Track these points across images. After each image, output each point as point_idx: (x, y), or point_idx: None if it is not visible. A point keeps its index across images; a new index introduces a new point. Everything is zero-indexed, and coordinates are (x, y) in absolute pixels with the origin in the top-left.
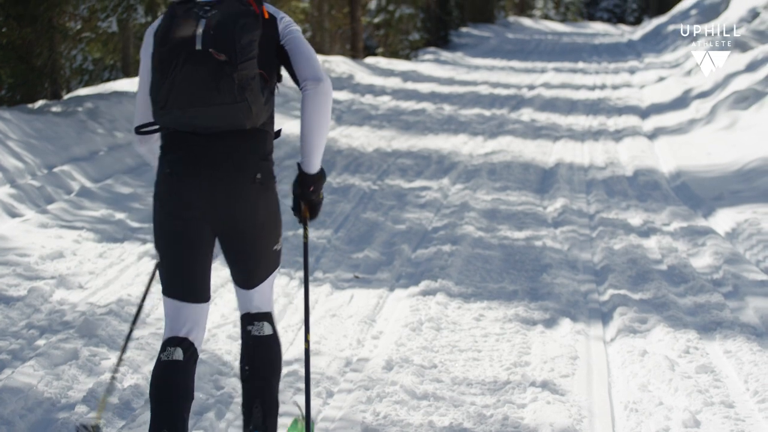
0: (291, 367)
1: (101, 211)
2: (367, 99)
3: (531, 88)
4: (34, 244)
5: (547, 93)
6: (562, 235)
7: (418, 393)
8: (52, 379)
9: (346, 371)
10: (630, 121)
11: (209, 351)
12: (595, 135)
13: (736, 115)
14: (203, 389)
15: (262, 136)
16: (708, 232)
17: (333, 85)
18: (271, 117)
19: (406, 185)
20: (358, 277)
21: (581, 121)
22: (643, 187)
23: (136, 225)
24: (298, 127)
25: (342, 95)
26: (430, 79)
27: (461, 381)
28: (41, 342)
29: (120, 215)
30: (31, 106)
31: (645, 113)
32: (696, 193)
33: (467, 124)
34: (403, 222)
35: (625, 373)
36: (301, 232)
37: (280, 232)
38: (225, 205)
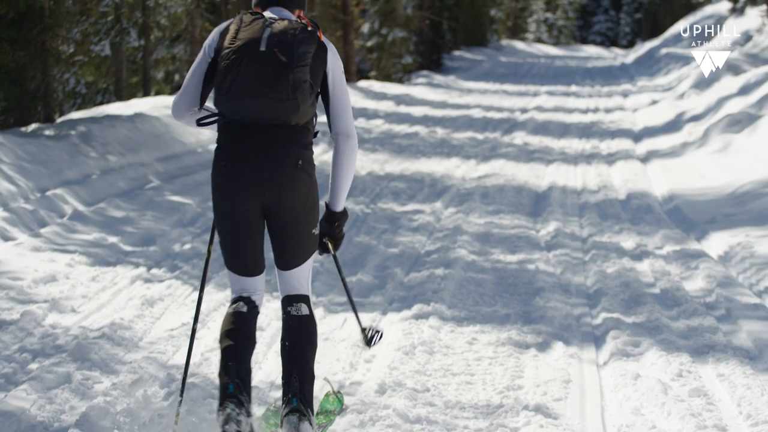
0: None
1: (94, 235)
2: (360, 122)
3: (524, 111)
4: (27, 268)
5: (540, 116)
6: (555, 258)
7: (411, 417)
8: (45, 403)
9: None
10: (623, 144)
11: (202, 375)
12: (588, 158)
13: (729, 139)
14: (196, 413)
15: (303, 130)
16: (701, 255)
17: None
18: (313, 117)
19: (398, 209)
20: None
21: (574, 145)
22: (636, 210)
23: (128, 248)
24: None
25: None
26: (422, 102)
27: (454, 405)
28: (34, 366)
29: (113, 239)
30: (24, 129)
31: (638, 136)
32: (689, 216)
33: (460, 147)
34: (395, 245)
35: (618, 397)
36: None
37: (318, 218)
38: (271, 187)
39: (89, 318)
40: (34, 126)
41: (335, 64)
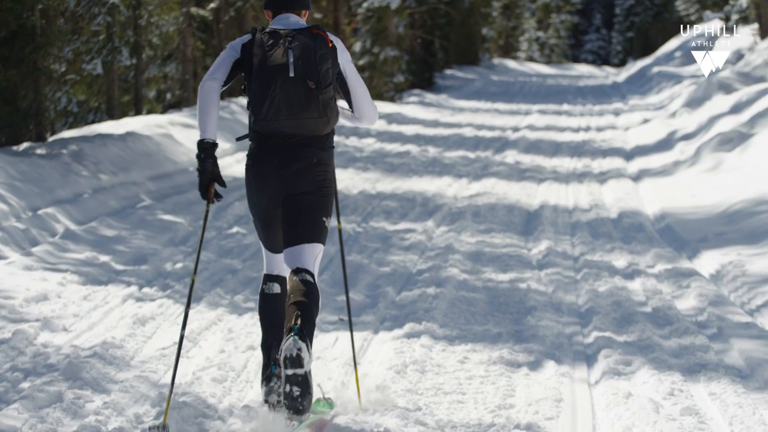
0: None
1: (86, 254)
2: (352, 141)
3: (515, 130)
4: (19, 287)
5: (532, 135)
6: (546, 277)
7: None
8: (37, 422)
9: (330, 414)
10: (614, 163)
11: (193, 394)
12: (580, 177)
13: (721, 157)
14: None
15: (325, 136)
16: (692, 274)
17: None
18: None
19: (390, 227)
20: (342, 319)
21: (566, 163)
22: (628, 229)
23: (120, 267)
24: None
25: None
26: (414, 121)
27: (446, 424)
28: (25, 385)
29: (104, 258)
30: (15, 148)
31: (629, 155)
32: (680, 235)
33: (452, 166)
34: (387, 264)
35: (609, 416)
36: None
37: (331, 210)
38: (289, 179)
39: (81, 337)
40: (25, 145)
41: (345, 57)
